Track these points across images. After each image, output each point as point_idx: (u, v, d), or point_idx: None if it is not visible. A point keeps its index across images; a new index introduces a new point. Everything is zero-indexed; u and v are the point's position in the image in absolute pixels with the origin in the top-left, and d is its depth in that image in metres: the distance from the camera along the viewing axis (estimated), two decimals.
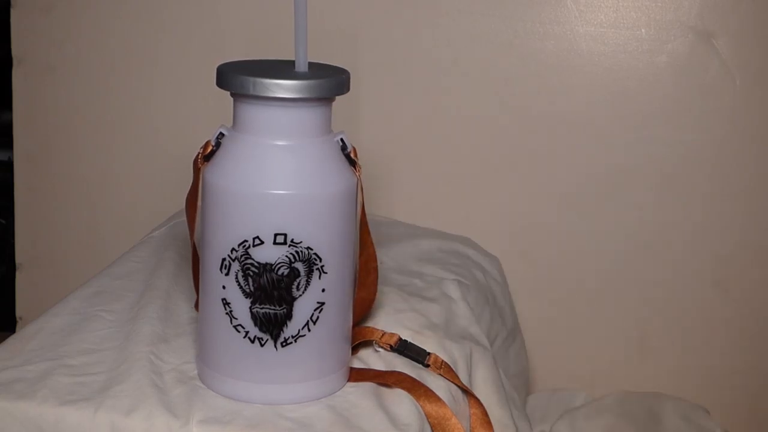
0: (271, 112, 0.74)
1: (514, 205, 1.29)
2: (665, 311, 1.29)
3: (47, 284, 1.42)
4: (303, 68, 0.76)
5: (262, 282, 0.74)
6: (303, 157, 0.74)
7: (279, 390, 0.77)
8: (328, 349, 0.78)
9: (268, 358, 0.76)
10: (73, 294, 0.94)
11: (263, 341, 0.75)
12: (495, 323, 1.06)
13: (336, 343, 0.79)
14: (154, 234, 1.11)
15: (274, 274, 0.74)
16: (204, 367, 0.79)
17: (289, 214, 0.73)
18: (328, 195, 0.74)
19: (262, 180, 0.73)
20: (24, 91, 1.37)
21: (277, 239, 0.73)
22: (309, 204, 0.74)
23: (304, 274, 0.74)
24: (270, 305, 0.74)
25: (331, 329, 0.77)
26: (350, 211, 0.77)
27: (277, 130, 0.74)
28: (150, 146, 1.35)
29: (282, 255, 0.73)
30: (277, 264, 0.74)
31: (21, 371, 0.79)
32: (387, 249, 1.07)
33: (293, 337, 0.75)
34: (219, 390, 0.77)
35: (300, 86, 0.72)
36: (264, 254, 0.73)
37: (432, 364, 0.84)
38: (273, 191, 0.73)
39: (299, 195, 0.73)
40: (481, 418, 0.83)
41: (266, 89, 0.72)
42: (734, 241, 1.26)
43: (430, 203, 1.30)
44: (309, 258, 0.74)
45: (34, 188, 1.40)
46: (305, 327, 0.75)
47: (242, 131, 0.75)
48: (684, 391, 1.22)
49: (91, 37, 1.34)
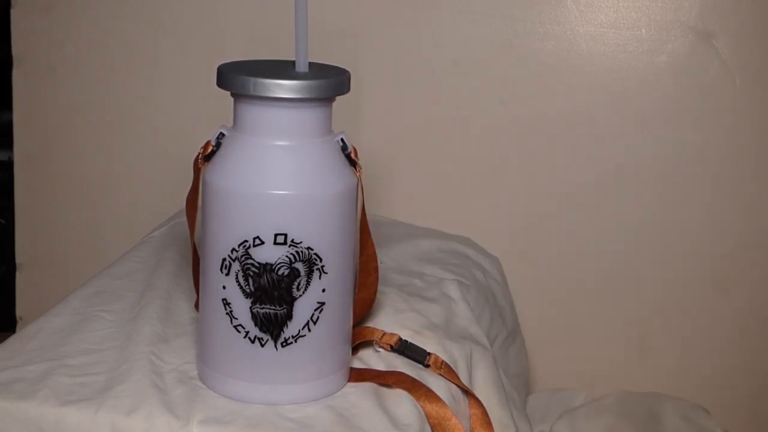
0: (272, 113, 0.74)
1: (514, 205, 1.29)
2: (665, 311, 1.29)
3: (47, 284, 1.42)
4: (303, 68, 0.76)
5: (263, 282, 0.74)
6: (303, 157, 0.74)
7: (279, 390, 0.77)
8: (328, 349, 0.78)
9: (268, 358, 0.76)
10: (74, 294, 0.94)
11: (263, 341, 0.75)
12: (495, 323, 1.06)
13: (336, 344, 0.79)
14: (154, 234, 1.11)
15: (274, 275, 0.74)
16: (204, 367, 0.79)
17: (290, 214, 0.73)
18: (328, 195, 0.74)
19: (263, 180, 0.73)
20: (24, 91, 1.37)
21: (278, 239, 0.73)
22: (309, 204, 0.74)
23: (304, 275, 0.74)
24: (270, 305, 0.74)
25: (331, 330, 0.77)
26: (350, 211, 0.77)
27: (277, 130, 0.74)
28: (150, 146, 1.35)
29: (282, 255, 0.73)
30: (277, 264, 0.74)
31: (21, 371, 0.79)
32: (387, 249, 1.07)
33: (293, 337, 0.75)
34: (219, 390, 0.77)
35: (300, 86, 0.72)
36: (264, 254, 0.73)
37: (432, 364, 0.84)
38: (273, 191, 0.73)
39: (299, 195, 0.73)
40: (481, 418, 0.83)
41: (266, 89, 0.72)
42: (734, 241, 1.26)
43: (430, 203, 1.30)
44: (309, 258, 0.74)
45: (34, 188, 1.40)
46: (305, 327, 0.75)
47: (242, 131, 0.75)
48: (684, 391, 1.22)
49: (91, 37, 1.34)
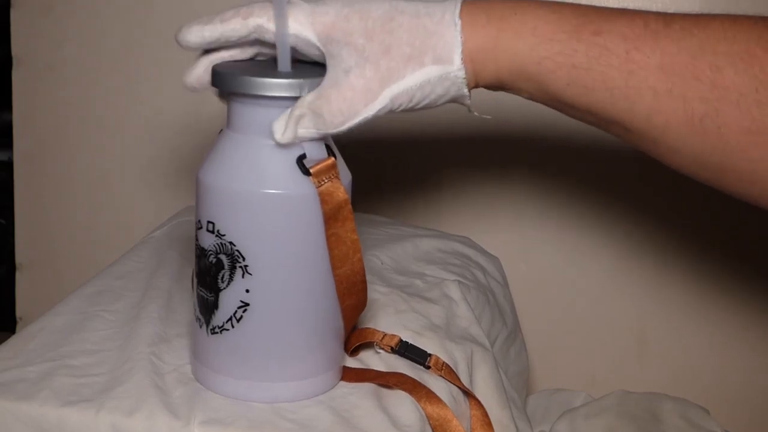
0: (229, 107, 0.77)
1: (515, 205, 1.29)
2: (665, 311, 1.29)
3: (47, 284, 1.42)
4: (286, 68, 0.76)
5: (201, 265, 0.77)
6: (255, 152, 0.74)
7: (210, 377, 0.78)
8: (264, 354, 0.77)
9: (202, 341, 0.79)
10: (74, 294, 0.94)
11: (200, 323, 0.78)
12: (496, 323, 1.06)
13: (276, 352, 0.77)
14: (154, 234, 1.12)
15: (206, 260, 0.76)
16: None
17: (217, 204, 0.75)
18: (262, 195, 0.73)
19: (210, 170, 0.75)
20: (24, 91, 1.37)
21: (208, 227, 0.75)
22: (236, 198, 0.74)
23: (227, 268, 0.75)
24: (205, 289, 0.77)
25: (261, 336, 0.76)
26: (292, 220, 0.74)
27: (238, 125, 0.76)
28: (150, 146, 1.35)
29: (212, 243, 0.75)
30: (208, 251, 0.76)
31: (22, 372, 0.79)
32: (387, 249, 1.07)
33: (219, 327, 0.77)
34: (192, 372, 0.81)
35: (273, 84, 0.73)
36: (203, 239, 0.76)
37: (433, 365, 0.84)
38: (208, 181, 0.75)
39: (228, 188, 0.74)
40: (482, 419, 0.84)
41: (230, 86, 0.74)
42: (735, 241, 1.26)
43: (429, 203, 1.30)
44: (232, 253, 0.74)
45: (34, 188, 1.40)
46: (229, 322, 0.76)
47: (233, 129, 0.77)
48: (684, 391, 1.22)
49: (91, 37, 1.34)
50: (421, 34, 0.73)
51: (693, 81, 0.68)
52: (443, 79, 0.73)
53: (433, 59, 0.73)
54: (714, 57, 0.68)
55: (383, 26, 0.73)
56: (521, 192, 1.28)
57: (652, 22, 0.70)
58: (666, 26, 0.70)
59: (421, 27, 0.73)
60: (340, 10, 0.73)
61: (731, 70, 0.67)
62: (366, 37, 0.73)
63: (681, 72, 0.68)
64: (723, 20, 0.69)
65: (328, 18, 0.73)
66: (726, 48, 0.68)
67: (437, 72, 0.73)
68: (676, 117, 0.70)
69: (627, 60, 0.70)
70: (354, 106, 0.73)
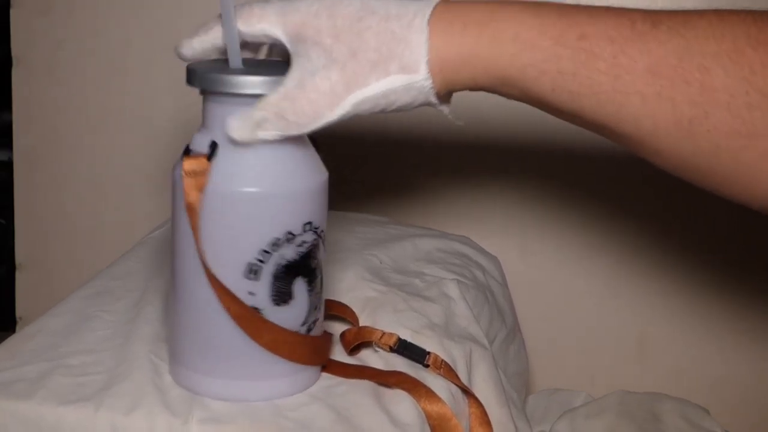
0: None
1: (514, 204, 1.29)
2: (665, 311, 1.29)
3: (47, 284, 1.42)
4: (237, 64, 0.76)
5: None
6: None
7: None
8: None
9: None
10: (74, 294, 0.94)
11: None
12: (495, 323, 1.06)
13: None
14: (154, 234, 1.11)
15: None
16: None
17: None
18: None
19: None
20: (24, 91, 1.37)
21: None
22: None
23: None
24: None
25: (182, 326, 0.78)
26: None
27: None
28: (150, 146, 1.35)
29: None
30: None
31: (21, 371, 0.79)
32: (386, 248, 1.07)
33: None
34: None
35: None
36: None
37: (432, 364, 0.84)
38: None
39: None
40: (481, 417, 0.84)
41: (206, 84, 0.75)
42: (735, 241, 1.26)
43: (429, 203, 1.30)
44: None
45: (34, 188, 1.40)
46: None
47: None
48: (684, 391, 1.22)
49: (91, 37, 1.34)
50: (389, 39, 0.71)
51: (681, 84, 0.67)
52: (408, 88, 0.72)
53: (399, 68, 0.71)
54: (702, 58, 0.66)
55: (351, 27, 0.71)
56: (521, 192, 1.28)
57: (639, 23, 0.68)
58: (653, 27, 0.68)
59: (389, 31, 0.71)
60: (310, 6, 0.72)
61: (720, 71, 0.66)
62: (333, 37, 0.71)
63: (669, 75, 0.67)
64: (710, 17, 0.68)
65: (297, 16, 0.72)
66: (714, 48, 0.66)
67: (402, 81, 0.71)
68: (664, 120, 0.68)
69: (614, 64, 0.68)
70: (319, 108, 0.71)
